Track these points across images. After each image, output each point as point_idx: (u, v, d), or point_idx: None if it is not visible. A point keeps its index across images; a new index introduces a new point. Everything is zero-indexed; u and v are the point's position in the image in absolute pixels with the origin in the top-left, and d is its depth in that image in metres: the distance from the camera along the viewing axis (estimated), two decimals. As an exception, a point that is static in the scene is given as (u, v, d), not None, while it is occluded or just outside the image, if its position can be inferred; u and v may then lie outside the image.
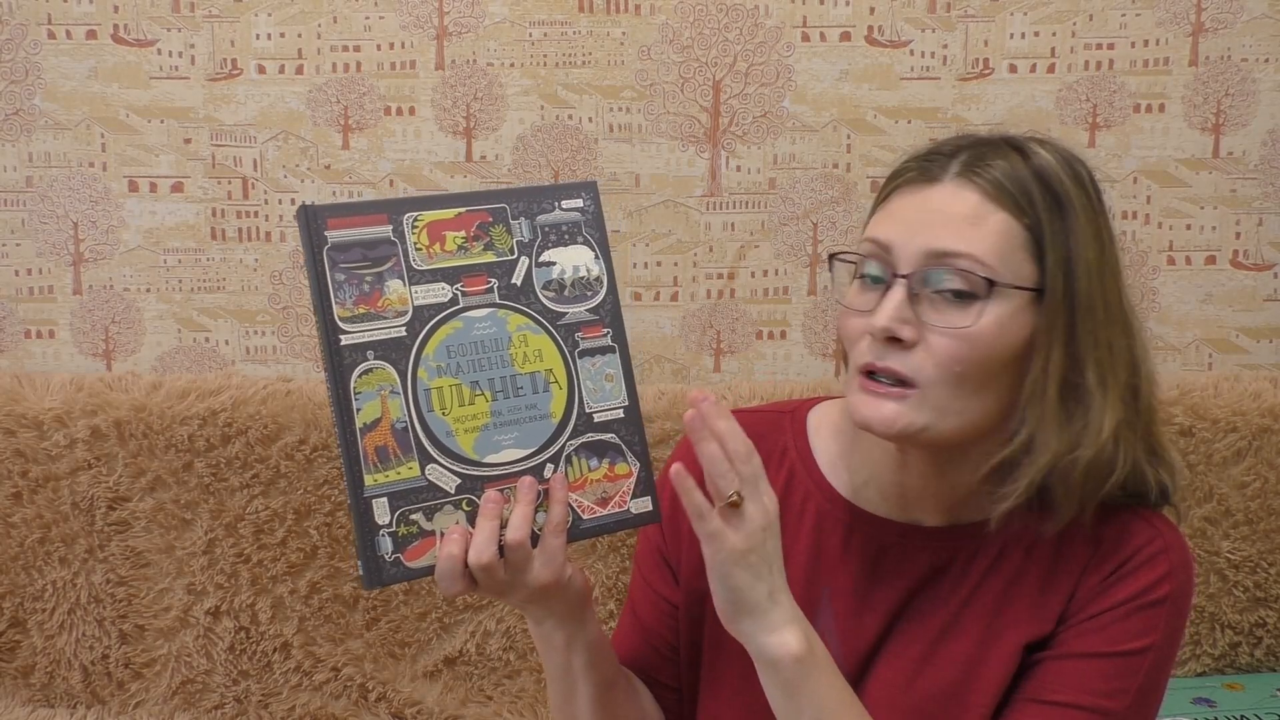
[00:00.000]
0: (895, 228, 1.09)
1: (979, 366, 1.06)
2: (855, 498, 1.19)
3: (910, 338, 1.06)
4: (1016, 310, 1.06)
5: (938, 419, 1.07)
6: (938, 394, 1.06)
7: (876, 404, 1.07)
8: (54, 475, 1.84)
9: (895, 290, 1.06)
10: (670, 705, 1.25)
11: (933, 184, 1.09)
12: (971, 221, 1.06)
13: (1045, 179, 1.08)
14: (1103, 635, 1.11)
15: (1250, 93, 1.93)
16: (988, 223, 1.06)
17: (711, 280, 1.98)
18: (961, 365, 1.05)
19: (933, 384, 1.06)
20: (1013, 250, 1.06)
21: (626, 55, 1.92)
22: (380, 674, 1.86)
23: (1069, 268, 1.07)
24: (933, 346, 1.05)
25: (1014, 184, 1.07)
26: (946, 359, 1.05)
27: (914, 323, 1.06)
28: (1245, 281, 1.98)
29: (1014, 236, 1.07)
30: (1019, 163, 1.09)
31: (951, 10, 1.91)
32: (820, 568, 1.18)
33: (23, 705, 1.87)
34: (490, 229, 1.06)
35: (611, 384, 1.08)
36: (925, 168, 1.10)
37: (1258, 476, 1.84)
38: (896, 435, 1.08)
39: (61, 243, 1.98)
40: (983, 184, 1.07)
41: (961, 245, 1.05)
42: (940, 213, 1.07)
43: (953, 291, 1.05)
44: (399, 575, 1.00)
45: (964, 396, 1.06)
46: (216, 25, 1.92)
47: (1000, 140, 1.12)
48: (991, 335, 1.05)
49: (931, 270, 1.06)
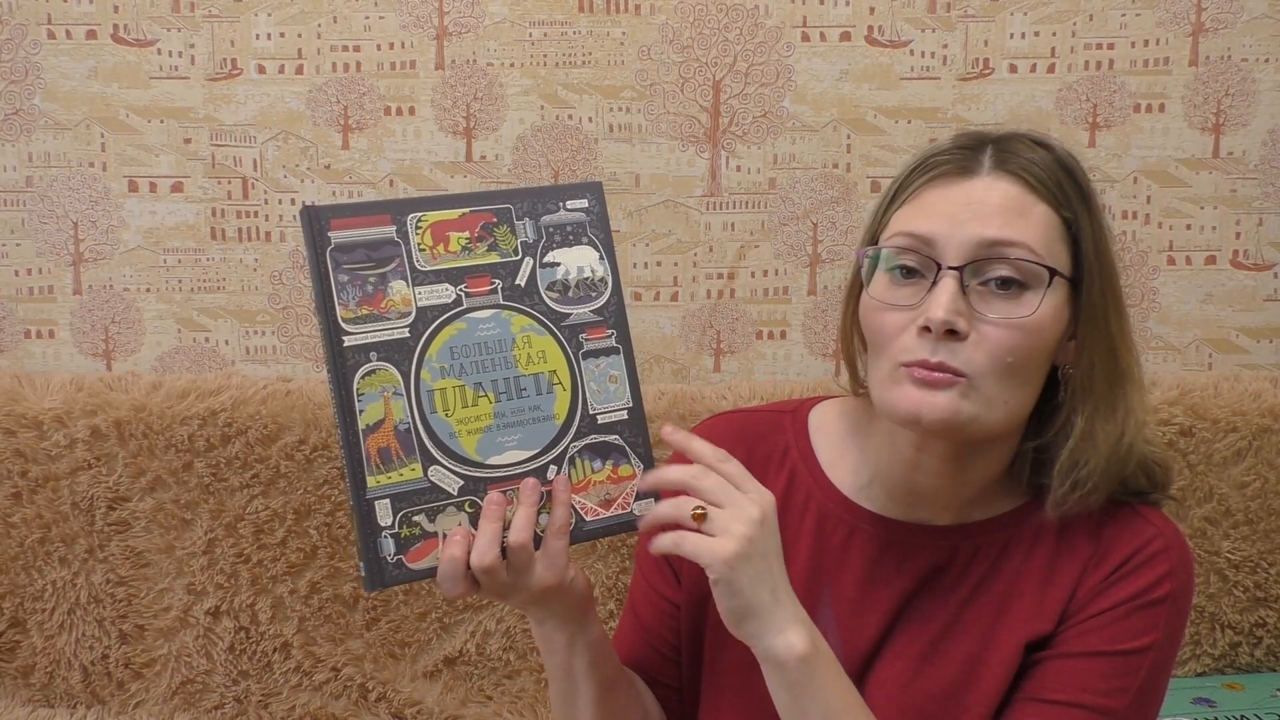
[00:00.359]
0: (936, 220, 1.08)
1: (1028, 357, 1.07)
2: (857, 497, 1.19)
3: (965, 329, 1.05)
4: (1062, 300, 1.08)
5: (986, 410, 1.06)
6: (986, 386, 1.06)
7: (930, 396, 1.05)
8: (54, 475, 1.84)
9: (946, 282, 1.05)
10: (671, 705, 1.25)
11: (970, 177, 1.09)
12: (1017, 212, 1.07)
13: (1072, 172, 1.11)
14: (1103, 634, 1.11)
15: (1250, 93, 1.93)
16: (1033, 213, 1.08)
17: (711, 280, 1.98)
18: (1014, 355, 1.06)
19: (983, 375, 1.05)
20: (1054, 241, 1.08)
21: (626, 55, 1.92)
22: (380, 674, 1.86)
23: (1100, 257, 1.09)
24: (987, 337, 1.05)
25: (1049, 175, 1.09)
26: (1000, 350, 1.05)
27: (967, 314, 1.06)
28: (1245, 281, 1.99)
29: (1055, 227, 1.08)
30: (1047, 155, 1.11)
31: (951, 10, 1.91)
32: (821, 567, 1.18)
33: (23, 705, 1.87)
34: (494, 229, 1.06)
35: (615, 386, 1.08)
36: (958, 160, 1.10)
37: (1258, 476, 1.84)
38: (946, 427, 1.06)
39: (61, 243, 1.98)
40: (1024, 178, 1.08)
41: (1012, 234, 1.06)
42: (984, 203, 1.07)
43: (1000, 281, 1.06)
44: (401, 577, 1.00)
45: (1011, 388, 1.07)
46: (216, 25, 1.92)
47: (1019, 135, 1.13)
48: (1047, 324, 1.07)
49: (983, 260, 1.06)
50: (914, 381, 1.06)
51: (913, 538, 1.17)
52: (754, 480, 1.03)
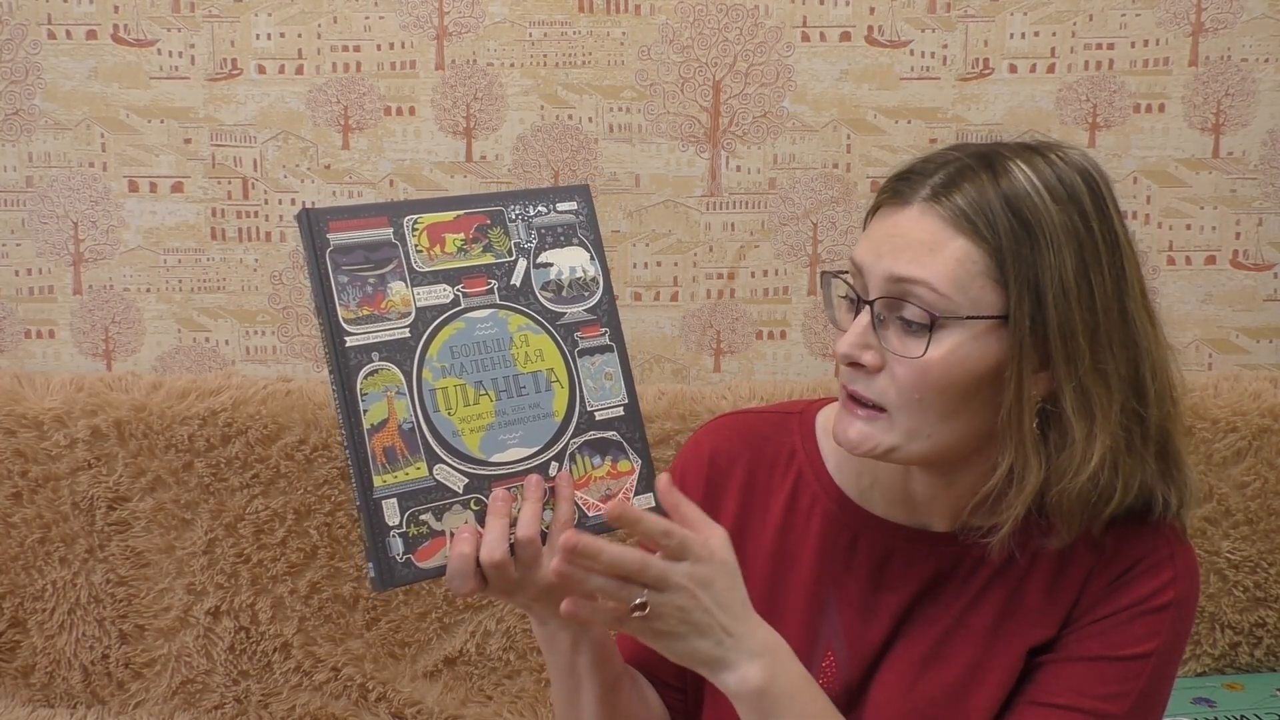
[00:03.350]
0: (867, 250, 1.08)
1: (939, 394, 1.05)
2: (863, 501, 1.19)
3: (872, 363, 1.06)
4: (976, 337, 1.04)
5: (906, 441, 1.06)
6: (904, 419, 1.06)
7: (848, 423, 1.09)
8: (54, 475, 1.84)
9: (861, 315, 1.07)
10: (674, 704, 1.25)
11: (903, 207, 1.07)
12: (930, 248, 1.04)
13: (1013, 203, 1.04)
14: (1105, 639, 1.11)
15: (1250, 93, 1.93)
16: (947, 249, 1.04)
17: (711, 280, 1.98)
18: (920, 393, 1.05)
19: (898, 409, 1.06)
20: (972, 277, 1.04)
21: (626, 55, 1.92)
22: (380, 674, 1.86)
23: (1038, 294, 1.03)
24: (895, 373, 1.06)
25: (976, 210, 1.04)
26: (906, 386, 1.05)
27: (877, 348, 1.06)
28: (1245, 281, 1.99)
29: (973, 263, 1.04)
30: (988, 187, 1.05)
31: (951, 10, 1.91)
32: (826, 571, 1.18)
33: (23, 705, 1.87)
34: (489, 231, 1.07)
35: (611, 382, 1.09)
36: (899, 189, 1.08)
37: (1258, 476, 1.84)
38: (865, 455, 1.09)
39: (61, 243, 1.98)
40: (944, 211, 1.05)
41: (916, 271, 1.04)
42: (903, 237, 1.06)
43: (905, 318, 1.05)
44: (411, 576, 1.00)
45: (933, 421, 1.06)
46: (216, 25, 1.92)
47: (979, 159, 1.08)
48: (945, 365, 1.04)
49: (892, 297, 1.06)
50: (842, 407, 1.10)
51: (917, 543, 1.17)
52: (695, 537, 0.99)
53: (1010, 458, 1.06)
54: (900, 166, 1.12)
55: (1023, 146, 1.09)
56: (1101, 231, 1.06)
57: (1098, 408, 1.05)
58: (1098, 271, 1.05)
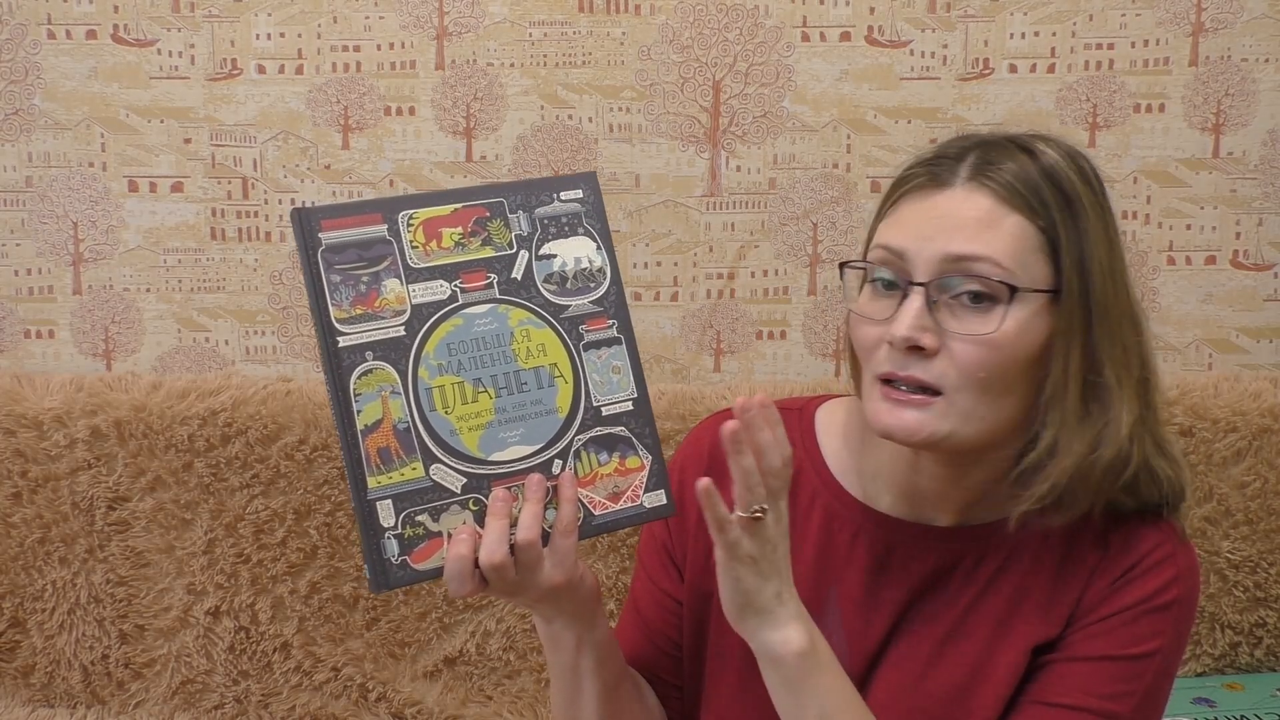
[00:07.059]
0: (907, 234, 1.08)
1: (1002, 371, 1.05)
2: (864, 496, 1.19)
3: (932, 345, 1.05)
4: (1035, 313, 1.06)
5: (962, 425, 1.06)
6: (962, 400, 1.06)
7: (899, 412, 1.07)
8: (54, 475, 1.84)
9: (913, 298, 1.06)
10: (672, 703, 1.25)
11: (943, 189, 1.08)
12: (987, 225, 1.06)
13: (1055, 179, 1.08)
14: (1109, 639, 1.11)
15: (1250, 93, 1.93)
16: (1003, 225, 1.06)
17: (711, 280, 1.98)
18: (986, 371, 1.05)
19: (957, 390, 1.05)
20: (1028, 252, 1.06)
21: (626, 55, 1.92)
22: (380, 674, 1.86)
23: (1084, 267, 1.06)
24: (955, 353, 1.05)
25: (1026, 185, 1.07)
26: (970, 365, 1.05)
27: (934, 330, 1.05)
28: (1245, 281, 1.99)
29: (1029, 238, 1.06)
30: (1028, 163, 1.08)
31: (951, 10, 1.91)
32: (827, 567, 1.18)
33: (23, 705, 1.87)
34: (488, 224, 1.05)
35: (619, 376, 1.07)
36: (934, 172, 1.09)
37: (1258, 476, 1.84)
38: (920, 443, 1.07)
39: (61, 243, 1.98)
40: (995, 187, 1.07)
41: (979, 248, 1.05)
42: (954, 217, 1.07)
43: (971, 295, 1.05)
44: (406, 578, 0.99)
45: (987, 402, 1.06)
46: (216, 25, 1.92)
47: (1006, 140, 1.11)
48: (1014, 339, 1.05)
49: (949, 276, 1.05)
50: (885, 397, 1.08)
51: (918, 538, 1.16)
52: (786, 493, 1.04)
53: (1054, 430, 1.07)
54: (918, 156, 1.13)
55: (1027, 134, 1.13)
56: (1108, 209, 1.11)
57: (1125, 378, 1.08)
58: (1117, 246, 1.10)
